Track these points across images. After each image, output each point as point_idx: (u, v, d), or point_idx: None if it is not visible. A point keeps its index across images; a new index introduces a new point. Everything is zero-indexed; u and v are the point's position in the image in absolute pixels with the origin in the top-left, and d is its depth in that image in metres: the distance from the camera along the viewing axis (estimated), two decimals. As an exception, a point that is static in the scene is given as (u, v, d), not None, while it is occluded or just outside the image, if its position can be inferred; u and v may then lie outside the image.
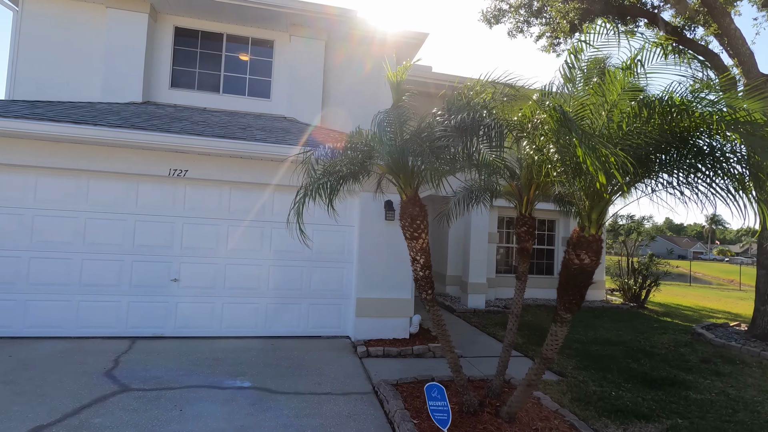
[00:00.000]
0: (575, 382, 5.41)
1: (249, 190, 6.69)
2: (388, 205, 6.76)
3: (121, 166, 6.08)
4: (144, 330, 6.23)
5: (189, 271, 6.45)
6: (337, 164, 3.59)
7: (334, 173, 3.59)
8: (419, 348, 6.23)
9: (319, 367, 5.44)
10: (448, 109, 3.22)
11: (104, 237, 6.21)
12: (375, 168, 3.76)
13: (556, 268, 12.95)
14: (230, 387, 4.65)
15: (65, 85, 8.12)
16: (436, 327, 3.70)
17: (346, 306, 6.96)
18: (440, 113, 3.25)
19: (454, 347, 3.76)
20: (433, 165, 3.12)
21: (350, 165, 3.60)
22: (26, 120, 5.47)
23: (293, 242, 6.82)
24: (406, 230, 3.47)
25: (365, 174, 3.74)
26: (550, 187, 4.90)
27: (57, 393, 4.23)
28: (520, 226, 4.57)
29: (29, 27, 8.12)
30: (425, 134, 3.12)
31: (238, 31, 9.06)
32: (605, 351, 7.00)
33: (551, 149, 3.10)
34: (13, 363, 4.93)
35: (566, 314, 3.33)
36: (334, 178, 3.55)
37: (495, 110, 3.18)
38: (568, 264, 3.22)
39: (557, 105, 2.83)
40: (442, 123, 3.12)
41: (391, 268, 6.81)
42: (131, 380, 4.64)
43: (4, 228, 5.91)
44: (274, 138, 6.56)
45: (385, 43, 9.52)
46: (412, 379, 4.93)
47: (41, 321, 5.94)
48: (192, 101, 8.73)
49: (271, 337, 6.61)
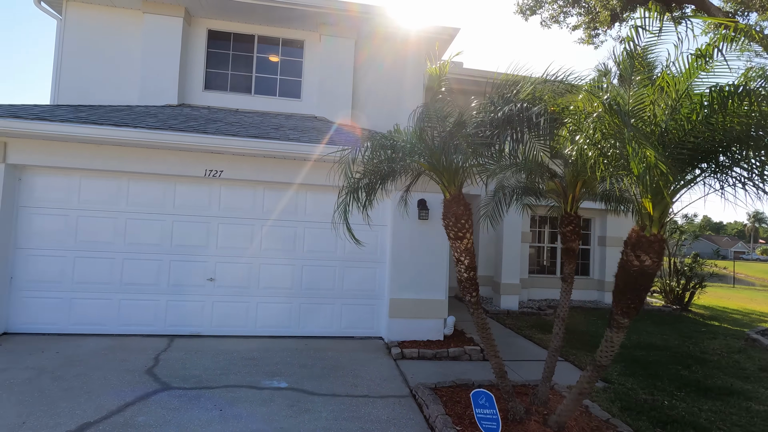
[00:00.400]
0: (623, 389, 5.13)
1: (282, 190, 6.70)
2: (422, 204, 6.63)
3: (159, 168, 6.19)
4: (182, 329, 6.33)
5: (224, 271, 6.51)
6: (376, 163, 3.49)
7: (375, 172, 3.49)
8: (455, 350, 6.07)
9: (354, 369, 5.37)
10: (492, 101, 3.05)
11: (143, 237, 6.34)
12: (415, 166, 3.64)
13: (592, 269, 12.48)
14: (268, 387, 4.63)
15: (106, 89, 8.37)
16: (480, 331, 3.55)
17: (379, 306, 6.88)
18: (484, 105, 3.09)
19: (498, 352, 3.59)
20: (479, 161, 2.97)
21: (389, 163, 3.49)
22: (70, 123, 5.64)
23: (326, 242, 6.84)
24: (450, 230, 3.34)
25: (405, 173, 3.63)
26: (597, 185, 4.67)
27: (102, 390, 4.32)
28: (565, 225, 4.36)
29: (72, 35, 8.41)
30: (469, 129, 2.97)
31: (269, 32, 9.12)
32: (651, 356, 6.64)
33: (608, 144, 2.90)
34: (61, 359, 5.08)
35: (623, 319, 3.11)
36: (374, 178, 3.45)
37: (543, 103, 2.99)
38: (626, 266, 3.01)
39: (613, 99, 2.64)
40: (487, 116, 2.95)
41: (424, 268, 6.68)
42: (171, 379, 4.70)
43: (51, 228, 6.12)
44: (307, 137, 6.54)
45: (416, 39, 9.38)
46: (451, 383, 4.79)
47: (85, 318, 6.12)
48: (225, 103, 8.84)
49: (305, 337, 6.60)
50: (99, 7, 8.51)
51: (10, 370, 4.68)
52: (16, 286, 6.01)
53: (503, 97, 3.04)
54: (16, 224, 6.03)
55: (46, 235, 6.11)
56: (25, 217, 6.07)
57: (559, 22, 9.01)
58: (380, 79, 9.46)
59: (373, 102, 9.37)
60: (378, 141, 3.30)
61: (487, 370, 5.58)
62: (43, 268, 6.08)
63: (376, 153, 3.25)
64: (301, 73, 9.29)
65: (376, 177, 3.54)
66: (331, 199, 6.84)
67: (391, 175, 3.68)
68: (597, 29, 8.91)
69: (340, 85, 9.11)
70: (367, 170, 3.59)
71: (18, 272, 6.02)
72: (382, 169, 3.53)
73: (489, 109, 2.93)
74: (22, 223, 6.06)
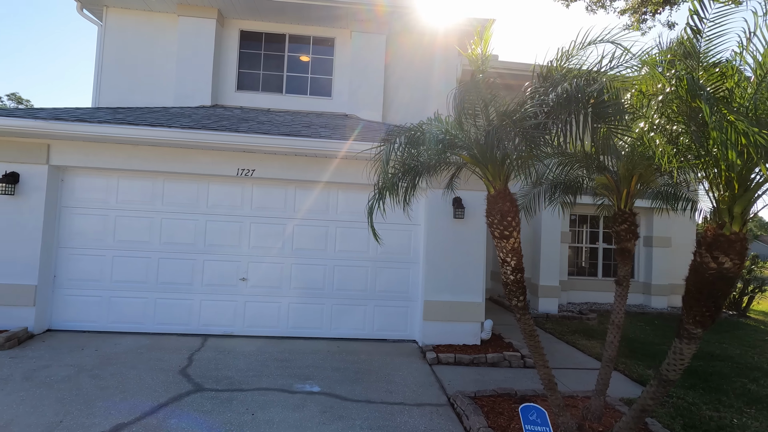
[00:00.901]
0: (683, 404, 4.66)
1: (313, 189, 6.59)
2: (457, 203, 6.34)
3: (193, 167, 6.21)
4: (215, 328, 6.32)
5: (256, 271, 6.46)
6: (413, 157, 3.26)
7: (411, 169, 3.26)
8: (493, 356, 5.75)
9: (388, 373, 5.16)
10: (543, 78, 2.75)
11: (178, 236, 6.38)
12: (455, 159, 3.40)
13: (637, 271, 11.74)
14: (300, 391, 4.49)
15: (144, 92, 8.55)
16: (527, 339, 3.26)
17: (413, 309, 6.64)
18: (535, 88, 2.79)
19: (548, 361, 3.28)
20: (530, 151, 2.67)
21: (427, 157, 3.25)
22: (108, 124, 5.72)
23: (357, 242, 6.68)
24: (495, 228, 3.07)
25: (444, 167, 3.39)
26: (654, 179, 4.26)
27: (137, 390, 4.30)
28: (619, 223, 3.98)
29: (111, 40, 8.65)
30: (516, 116, 2.68)
31: (300, 31, 9.07)
32: (711, 367, 6.07)
33: (678, 129, 2.55)
34: (99, 358, 5.15)
35: (696, 329, 2.75)
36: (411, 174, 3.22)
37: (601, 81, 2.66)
38: (700, 268, 2.65)
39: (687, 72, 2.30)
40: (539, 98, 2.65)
41: (460, 270, 6.39)
42: (204, 380, 4.64)
43: (91, 228, 6.25)
44: (338, 134, 6.39)
45: (448, 33, 9.08)
46: (492, 392, 4.49)
47: (123, 317, 6.21)
48: (256, 103, 8.85)
49: (336, 338, 6.45)
50: (137, 12, 8.71)
51: (51, 367, 4.76)
52: (58, 284, 6.17)
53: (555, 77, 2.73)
54: (58, 224, 6.19)
55: (87, 234, 6.24)
56: (67, 217, 6.23)
57: (606, 6, 8.45)
58: (411, 74, 9.23)
59: (404, 98, 9.15)
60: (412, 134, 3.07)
61: (529, 378, 5.25)
62: (84, 267, 6.22)
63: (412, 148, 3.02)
64: (331, 71, 9.18)
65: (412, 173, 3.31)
66: (362, 198, 6.66)
67: (429, 171, 3.44)
68: (646, 13, 8.31)
69: (370, 82, 8.95)
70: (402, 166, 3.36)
71: (60, 271, 6.18)
72: (418, 164, 3.30)
73: (540, 90, 2.63)
74: (64, 222, 6.22)
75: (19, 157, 5.90)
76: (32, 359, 4.98)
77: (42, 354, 5.17)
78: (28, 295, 5.81)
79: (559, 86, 2.49)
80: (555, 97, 2.47)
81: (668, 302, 11.36)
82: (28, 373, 4.57)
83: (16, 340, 5.46)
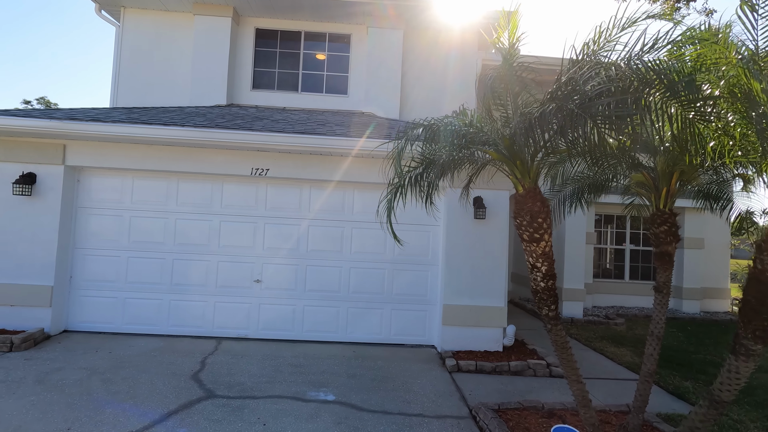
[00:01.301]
0: (729, 422, 4.29)
1: (328, 189, 6.40)
2: (478, 202, 6.07)
3: (207, 167, 6.10)
4: (229, 331, 6.20)
5: (271, 273, 6.32)
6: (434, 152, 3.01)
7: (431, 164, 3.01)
8: (517, 364, 5.46)
9: (406, 381, 4.93)
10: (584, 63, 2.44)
11: (192, 237, 6.29)
12: (479, 155, 3.14)
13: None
14: (313, 400, 4.30)
15: (160, 92, 8.53)
16: (559, 351, 2.98)
17: (431, 313, 6.39)
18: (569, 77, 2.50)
19: (581, 376, 3.00)
20: (568, 145, 2.37)
21: (448, 153, 3.00)
22: (122, 124, 5.66)
23: (374, 243, 6.46)
24: (524, 230, 2.80)
25: (467, 164, 3.14)
26: (697, 175, 3.92)
27: (147, 395, 4.18)
28: (658, 225, 3.66)
29: (129, 40, 8.66)
30: (548, 106, 2.40)
31: (316, 28, 8.91)
32: (755, 379, 5.63)
33: (736, 118, 2.24)
34: (112, 360, 5.07)
35: (755, 345, 2.43)
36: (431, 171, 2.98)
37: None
38: (762, 276, 2.33)
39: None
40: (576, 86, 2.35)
41: (481, 272, 6.11)
42: (216, 386, 4.50)
43: (106, 229, 6.22)
44: (354, 132, 6.19)
45: (468, 27, 8.78)
46: (517, 405, 4.21)
47: (137, 318, 6.15)
48: (272, 102, 8.74)
49: (352, 343, 6.25)
50: (153, 12, 8.70)
51: (64, 370, 4.70)
52: (75, 285, 6.15)
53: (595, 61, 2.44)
54: (74, 225, 6.17)
55: (102, 235, 6.21)
56: (83, 217, 6.21)
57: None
58: (429, 71, 8.97)
59: (422, 95, 8.90)
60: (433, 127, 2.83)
61: (556, 388, 4.95)
62: (99, 268, 6.18)
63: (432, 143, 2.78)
64: (347, 69, 9.00)
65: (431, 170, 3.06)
66: (378, 198, 6.47)
67: (449, 167, 3.20)
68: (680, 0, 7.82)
69: (387, 79, 8.72)
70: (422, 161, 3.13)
71: (76, 272, 6.16)
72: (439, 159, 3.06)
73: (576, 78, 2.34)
74: (79, 223, 6.19)
75: (36, 157, 5.90)
76: (46, 361, 4.94)
77: (56, 356, 5.12)
78: (44, 295, 5.80)
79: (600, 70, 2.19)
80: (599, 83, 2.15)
81: (701, 307, 10.79)
82: (41, 375, 4.52)
83: (33, 341, 5.44)
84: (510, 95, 2.77)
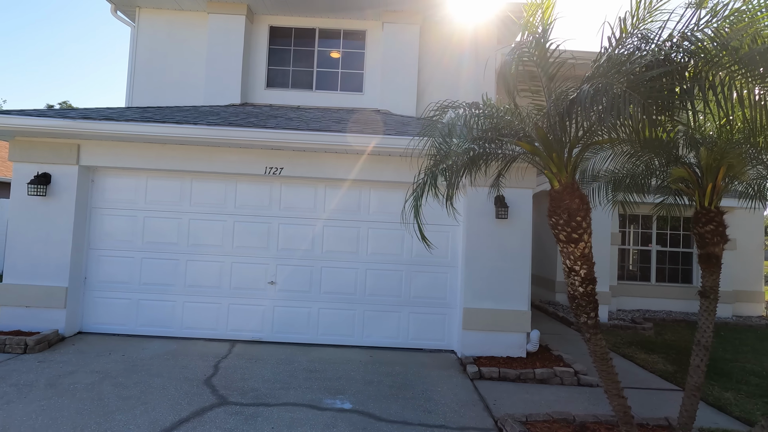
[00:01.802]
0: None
1: (344, 188, 6.22)
2: (500, 201, 5.80)
3: (221, 166, 5.98)
4: (242, 333, 6.06)
5: (285, 274, 6.16)
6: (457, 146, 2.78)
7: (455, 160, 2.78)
8: (543, 372, 5.17)
9: (425, 389, 4.70)
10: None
11: (206, 238, 6.17)
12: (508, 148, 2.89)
13: (696, 275, 10.69)
14: (330, 408, 4.11)
15: (175, 92, 8.47)
16: (599, 363, 2.72)
17: (451, 316, 6.14)
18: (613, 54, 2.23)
19: (622, 389, 2.73)
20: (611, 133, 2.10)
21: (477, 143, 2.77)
22: (135, 122, 5.57)
23: (391, 244, 6.25)
24: (561, 230, 2.55)
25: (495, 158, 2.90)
26: (746, 170, 3.60)
27: (159, 401, 4.05)
28: (703, 224, 3.35)
29: (144, 40, 8.63)
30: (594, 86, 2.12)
31: (330, 25, 8.75)
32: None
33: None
34: (125, 364, 4.96)
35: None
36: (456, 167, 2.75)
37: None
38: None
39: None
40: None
41: (503, 275, 5.84)
42: (229, 391, 4.34)
43: (120, 229, 6.14)
44: (370, 129, 5.99)
45: (488, 20, 8.51)
46: (546, 417, 3.94)
47: (151, 320, 6.06)
48: (286, 100, 8.60)
49: (369, 347, 6.05)
50: (168, 11, 8.65)
51: (76, 374, 4.61)
52: (89, 286, 6.09)
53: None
54: (89, 225, 6.11)
55: (116, 235, 6.14)
56: (97, 218, 6.15)
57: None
58: (446, 66, 8.71)
59: (439, 92, 8.61)
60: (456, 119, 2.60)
61: (586, 398, 4.66)
62: (113, 269, 6.11)
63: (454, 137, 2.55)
64: (362, 66, 8.81)
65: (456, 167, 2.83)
66: (396, 197, 6.25)
67: (476, 164, 2.96)
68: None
69: (403, 75, 8.51)
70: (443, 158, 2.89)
71: (90, 273, 6.10)
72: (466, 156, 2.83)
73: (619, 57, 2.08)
74: (94, 224, 6.14)
75: (51, 158, 5.85)
76: (59, 364, 4.86)
77: (69, 358, 5.05)
78: (59, 297, 5.74)
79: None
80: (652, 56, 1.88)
81: (733, 310, 10.28)
82: (52, 379, 4.43)
83: (47, 343, 5.38)
84: (544, 78, 2.52)
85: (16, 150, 5.86)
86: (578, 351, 6.47)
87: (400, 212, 6.27)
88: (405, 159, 6.09)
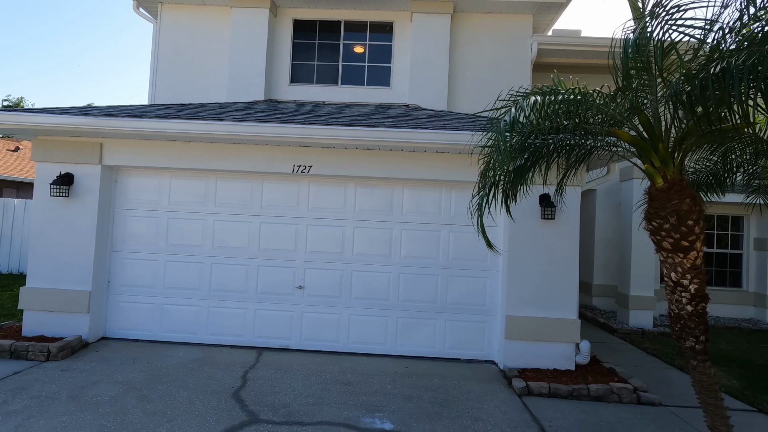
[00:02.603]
0: None
1: (375, 187, 5.85)
2: (545, 200, 5.34)
3: (246, 165, 5.68)
4: (270, 341, 5.76)
5: (313, 278, 5.83)
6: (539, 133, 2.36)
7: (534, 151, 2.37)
8: (597, 387, 4.70)
9: (470, 406, 4.30)
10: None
11: (231, 240, 5.89)
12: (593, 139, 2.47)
13: (746, 279, 9.96)
14: (369, 428, 3.74)
15: (198, 88, 8.26)
16: (705, 396, 2.27)
17: (491, 324, 5.71)
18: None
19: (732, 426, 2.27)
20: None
21: (552, 137, 2.36)
22: (158, 119, 5.32)
23: (425, 246, 5.84)
24: (665, 237, 2.11)
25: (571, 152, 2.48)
26: None
27: (186, 418, 3.75)
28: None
29: (166, 37, 8.44)
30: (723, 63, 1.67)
31: (356, 17, 8.39)
32: None
33: None
34: (150, 374, 4.70)
35: None
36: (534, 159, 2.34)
37: None
38: None
39: None
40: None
41: (548, 280, 5.39)
42: (260, 407, 4.02)
43: (143, 231, 5.92)
44: (404, 123, 5.60)
45: (521, 8, 8.02)
46: (614, 444, 3.49)
47: (175, 326, 5.81)
48: (311, 96, 8.29)
49: (403, 356, 5.67)
50: (190, 7, 8.44)
51: (99, 384, 4.37)
52: (112, 290, 5.88)
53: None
54: (112, 227, 5.90)
55: (139, 237, 5.91)
56: (121, 219, 5.93)
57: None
58: (478, 57, 8.27)
59: (472, 85, 8.21)
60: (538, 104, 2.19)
61: (650, 418, 4.19)
62: (137, 272, 5.89)
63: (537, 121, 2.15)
64: (390, 59, 8.43)
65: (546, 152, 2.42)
66: (430, 196, 5.86)
67: (545, 159, 2.54)
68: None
69: (434, 68, 8.09)
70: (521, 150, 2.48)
71: (114, 276, 5.89)
72: (542, 148, 2.42)
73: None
74: (117, 225, 5.92)
75: (73, 157, 5.65)
76: (82, 373, 4.63)
77: (93, 367, 4.82)
78: (82, 301, 5.54)
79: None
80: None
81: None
82: (75, 390, 4.19)
83: (70, 350, 5.18)
84: (655, 55, 2.08)
85: (39, 149, 5.68)
86: (628, 362, 5.97)
87: (434, 212, 5.95)
88: (440, 156, 5.72)
